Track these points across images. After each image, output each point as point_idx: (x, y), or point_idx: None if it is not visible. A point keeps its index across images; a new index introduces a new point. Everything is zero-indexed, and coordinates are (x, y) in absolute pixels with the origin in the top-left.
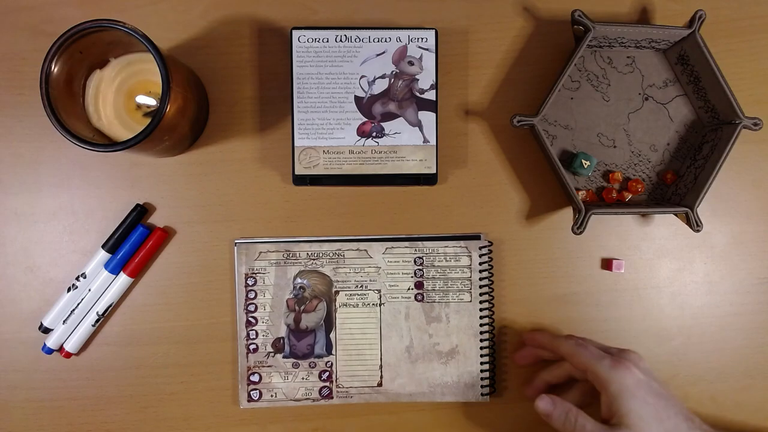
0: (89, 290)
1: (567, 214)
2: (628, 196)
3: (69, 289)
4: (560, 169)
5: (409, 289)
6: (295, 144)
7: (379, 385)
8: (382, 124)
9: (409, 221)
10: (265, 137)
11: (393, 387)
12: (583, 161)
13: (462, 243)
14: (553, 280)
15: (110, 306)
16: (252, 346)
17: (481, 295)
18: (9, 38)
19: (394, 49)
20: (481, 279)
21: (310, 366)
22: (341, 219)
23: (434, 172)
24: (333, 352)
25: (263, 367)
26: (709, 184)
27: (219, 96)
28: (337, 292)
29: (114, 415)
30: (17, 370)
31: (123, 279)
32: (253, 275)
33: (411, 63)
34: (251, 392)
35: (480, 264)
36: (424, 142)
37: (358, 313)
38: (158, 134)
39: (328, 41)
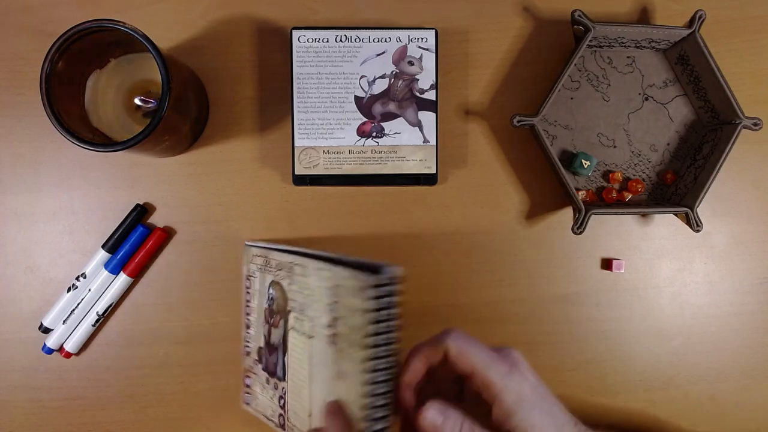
0: (89, 290)
1: (567, 214)
2: (628, 196)
3: (69, 289)
4: (560, 169)
5: (324, 327)
6: (295, 144)
7: None
8: (382, 124)
9: (409, 221)
10: (265, 137)
11: None
12: (583, 161)
13: (361, 276)
14: (553, 280)
15: (110, 306)
16: (247, 350)
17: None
18: (9, 38)
19: (394, 49)
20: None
21: (274, 387)
22: (341, 219)
23: (434, 172)
24: (285, 379)
25: (251, 373)
26: (709, 184)
27: (219, 96)
28: (289, 311)
29: (114, 415)
30: (17, 370)
31: (123, 279)
32: (249, 278)
33: (411, 63)
34: (245, 395)
35: (380, 307)
36: (424, 142)
37: (298, 341)
38: (158, 134)
39: (328, 41)
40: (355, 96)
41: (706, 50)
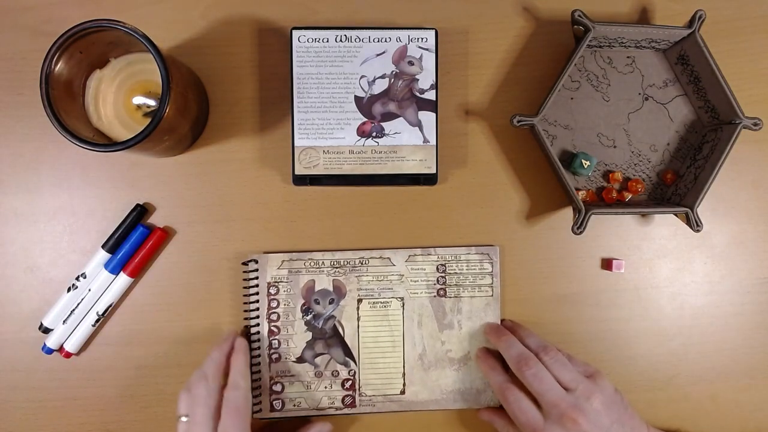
0: (89, 290)
1: (567, 214)
2: (628, 196)
3: (69, 289)
4: (560, 169)
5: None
6: (295, 144)
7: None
8: (382, 124)
9: (409, 221)
10: (265, 137)
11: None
12: (583, 161)
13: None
14: (553, 280)
15: (110, 306)
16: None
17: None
18: (9, 38)
19: (394, 49)
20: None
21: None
22: (341, 219)
23: (434, 172)
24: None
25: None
26: (709, 184)
27: (219, 96)
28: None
29: (114, 415)
30: (17, 370)
31: (123, 279)
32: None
33: (411, 63)
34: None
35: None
36: (424, 142)
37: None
38: (158, 134)
39: (328, 41)
40: (355, 96)
41: (706, 50)
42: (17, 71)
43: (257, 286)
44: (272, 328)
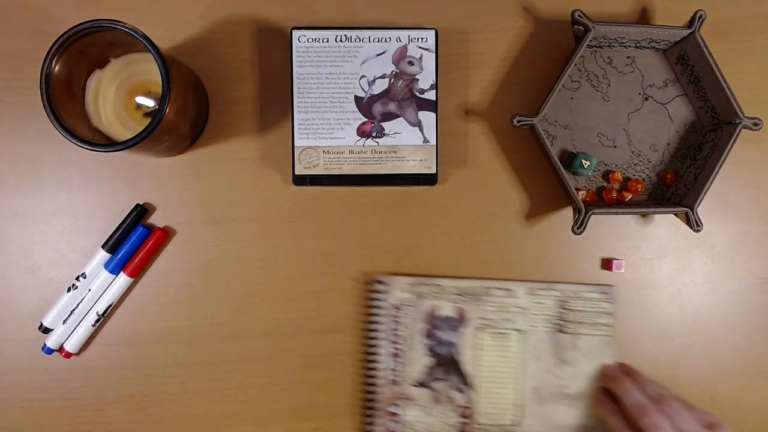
0: (89, 290)
1: (567, 214)
2: (628, 196)
3: (69, 289)
4: (560, 169)
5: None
6: (295, 144)
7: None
8: (382, 124)
9: (409, 221)
10: (265, 137)
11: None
12: (583, 161)
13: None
14: (552, 279)
15: (110, 306)
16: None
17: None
18: (9, 38)
19: (394, 49)
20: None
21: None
22: (341, 219)
23: (434, 172)
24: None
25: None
26: (709, 184)
27: (219, 96)
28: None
29: (114, 415)
30: (17, 370)
31: (123, 279)
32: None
33: (411, 63)
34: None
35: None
36: (424, 142)
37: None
38: (158, 134)
39: (328, 41)
40: (355, 96)
41: (706, 50)
42: (17, 71)
43: (382, 307)
44: (394, 350)
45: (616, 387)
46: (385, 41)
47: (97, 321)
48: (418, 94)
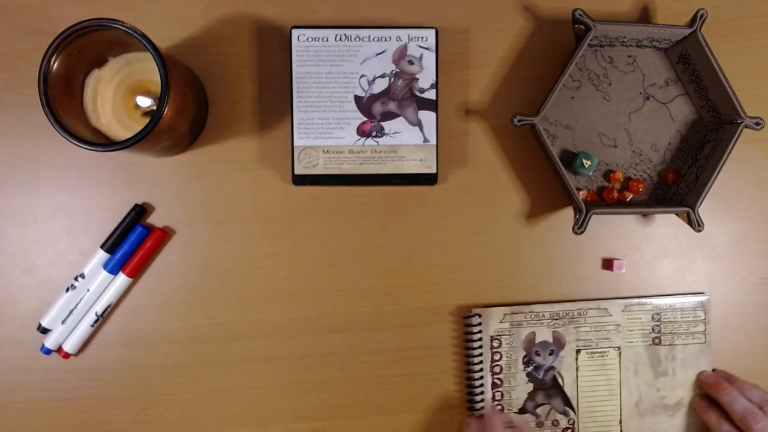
0: (88, 290)
1: (567, 214)
2: (629, 196)
3: (68, 290)
4: (561, 168)
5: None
6: (295, 144)
7: None
8: (381, 123)
9: (409, 221)
10: (264, 137)
11: None
12: (584, 161)
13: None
14: (553, 280)
15: (109, 306)
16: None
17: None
18: (8, 37)
19: (394, 49)
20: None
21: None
22: (341, 219)
23: (434, 172)
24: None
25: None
26: (710, 184)
27: (219, 96)
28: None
29: (113, 416)
30: (16, 370)
31: (122, 279)
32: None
33: (411, 62)
34: None
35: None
36: (424, 142)
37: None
38: (157, 134)
39: (327, 40)
40: (355, 95)
41: (707, 49)
42: (15, 71)
43: (480, 339)
44: (495, 380)
45: (719, 394)
46: (385, 40)
47: (95, 321)
48: (418, 93)
